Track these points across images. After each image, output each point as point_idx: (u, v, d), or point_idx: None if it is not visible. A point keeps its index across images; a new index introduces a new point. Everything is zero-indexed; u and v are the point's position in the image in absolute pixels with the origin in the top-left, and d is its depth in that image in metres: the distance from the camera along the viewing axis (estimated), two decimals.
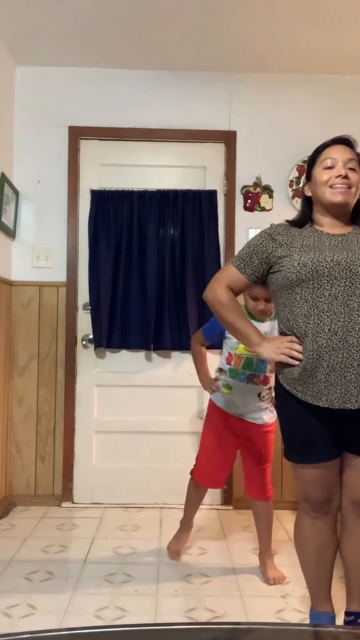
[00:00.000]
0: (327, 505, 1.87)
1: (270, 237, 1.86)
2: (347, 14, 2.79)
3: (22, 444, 3.33)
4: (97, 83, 3.40)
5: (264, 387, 2.41)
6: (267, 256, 1.85)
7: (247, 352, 2.39)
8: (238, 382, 2.41)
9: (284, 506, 3.31)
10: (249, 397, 2.41)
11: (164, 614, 2.08)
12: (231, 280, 1.89)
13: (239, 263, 1.89)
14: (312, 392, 1.74)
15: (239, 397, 2.42)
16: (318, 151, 1.90)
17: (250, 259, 1.87)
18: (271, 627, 0.82)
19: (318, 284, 1.72)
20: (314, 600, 1.94)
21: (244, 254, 1.89)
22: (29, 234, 3.38)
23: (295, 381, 1.78)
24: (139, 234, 3.29)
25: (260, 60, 3.28)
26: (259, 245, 1.87)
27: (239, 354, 2.41)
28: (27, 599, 2.19)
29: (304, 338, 1.74)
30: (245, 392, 2.41)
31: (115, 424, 3.36)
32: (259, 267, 1.86)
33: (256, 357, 2.38)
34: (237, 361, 2.41)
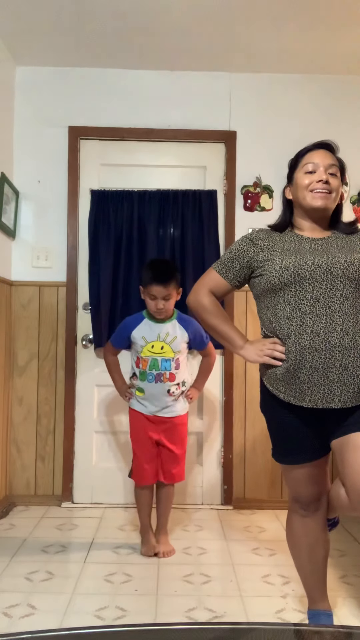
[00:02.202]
0: (316, 503, 1.90)
1: (251, 241, 1.88)
2: (347, 14, 2.79)
3: (22, 444, 3.33)
4: (97, 83, 3.40)
5: (172, 384, 2.59)
6: (248, 260, 1.87)
7: (150, 353, 2.57)
8: (147, 383, 2.59)
9: (284, 506, 3.29)
10: (159, 395, 2.59)
11: (164, 614, 2.08)
12: (213, 285, 1.92)
13: (221, 268, 1.91)
14: (295, 393, 1.76)
15: (150, 396, 2.60)
16: (300, 155, 1.94)
17: (232, 263, 1.89)
18: (271, 627, 0.82)
19: (300, 287, 1.75)
20: (311, 599, 1.96)
21: (226, 259, 1.92)
22: (29, 234, 3.38)
23: (278, 382, 1.80)
24: (139, 234, 3.29)
25: (260, 60, 3.28)
26: (240, 250, 1.89)
27: (144, 357, 2.58)
28: (27, 599, 2.19)
29: (286, 339, 1.77)
30: (155, 391, 2.58)
31: (115, 424, 3.36)
32: (241, 271, 1.89)
33: (160, 357, 2.57)
34: (144, 363, 2.58)
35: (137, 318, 2.65)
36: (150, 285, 2.52)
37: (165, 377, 2.57)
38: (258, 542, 2.81)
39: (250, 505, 3.32)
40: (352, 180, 3.36)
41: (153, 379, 2.57)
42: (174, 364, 2.58)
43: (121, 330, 2.67)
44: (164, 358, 2.57)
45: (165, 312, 2.57)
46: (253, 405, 3.35)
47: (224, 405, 3.36)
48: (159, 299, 2.53)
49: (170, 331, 2.59)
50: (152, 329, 2.59)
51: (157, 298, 2.53)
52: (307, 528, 1.91)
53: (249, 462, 3.35)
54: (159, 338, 2.58)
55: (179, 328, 2.62)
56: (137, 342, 2.59)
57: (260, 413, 1.90)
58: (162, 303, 2.53)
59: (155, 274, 2.54)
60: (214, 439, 3.39)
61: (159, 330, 2.58)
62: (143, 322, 2.62)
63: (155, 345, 2.57)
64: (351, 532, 2.93)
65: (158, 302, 2.53)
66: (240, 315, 3.36)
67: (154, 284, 2.51)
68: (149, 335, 2.58)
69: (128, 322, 2.67)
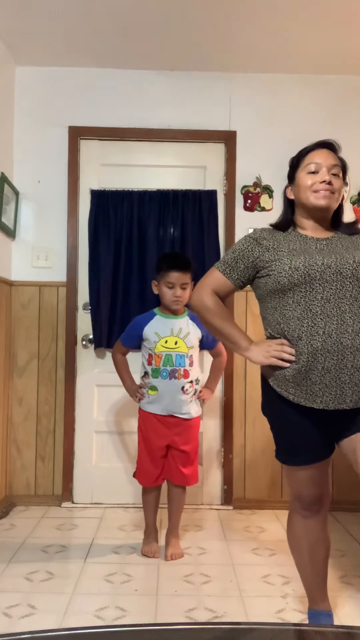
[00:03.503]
0: (318, 504, 1.89)
1: (255, 241, 1.86)
2: (347, 14, 2.79)
3: (22, 444, 3.33)
4: (97, 83, 3.40)
5: (186, 381, 2.55)
6: (253, 261, 1.84)
7: (164, 349, 2.54)
8: (161, 380, 2.54)
9: (284, 506, 3.30)
10: (173, 392, 2.54)
11: (164, 614, 2.08)
12: (217, 285, 1.89)
13: (224, 268, 1.88)
14: (306, 394, 1.74)
15: (164, 394, 2.55)
16: (302, 154, 1.93)
17: (236, 263, 1.86)
18: (271, 627, 0.82)
19: (310, 288, 1.73)
20: (311, 599, 1.96)
21: (229, 259, 1.88)
22: (29, 234, 3.38)
23: (287, 384, 1.78)
24: (139, 234, 3.29)
25: (260, 60, 3.28)
26: (245, 250, 1.86)
27: (157, 352, 2.55)
28: (27, 599, 2.19)
29: (297, 341, 1.74)
30: (169, 388, 2.54)
31: (115, 424, 3.36)
32: (245, 272, 1.87)
33: (174, 352, 2.53)
34: (157, 360, 2.55)
35: (148, 315, 2.63)
36: (168, 272, 2.51)
37: (180, 374, 2.53)
38: (258, 542, 2.81)
39: (250, 505, 3.32)
40: (352, 180, 3.36)
41: (167, 375, 2.53)
42: (188, 360, 2.55)
43: (132, 328, 2.64)
44: (179, 353, 2.54)
45: (182, 302, 2.55)
46: (253, 405, 3.35)
47: (224, 405, 3.36)
48: (177, 287, 2.51)
49: (184, 327, 2.57)
50: (165, 325, 2.56)
51: (175, 286, 2.51)
52: (308, 528, 1.91)
53: (249, 462, 3.35)
54: (172, 333, 2.55)
55: (191, 324, 2.60)
56: (150, 338, 2.55)
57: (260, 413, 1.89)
58: (180, 291, 2.51)
59: (173, 261, 2.56)
60: (214, 439, 3.39)
61: (172, 326, 2.56)
62: (155, 318, 2.60)
63: (169, 341, 2.54)
64: (351, 532, 2.93)
65: (176, 290, 2.51)
66: (241, 315, 3.36)
67: (172, 270, 2.51)
68: (162, 330, 2.55)
69: (139, 319, 2.64)
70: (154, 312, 2.64)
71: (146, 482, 2.64)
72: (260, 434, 3.35)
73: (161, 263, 2.60)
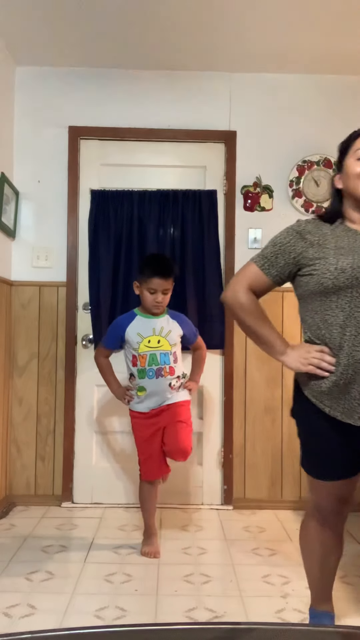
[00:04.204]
0: (337, 516, 1.81)
1: (299, 235, 1.68)
2: (347, 14, 2.79)
3: (22, 444, 3.33)
4: (97, 83, 3.40)
5: (172, 377, 2.58)
6: (295, 257, 1.67)
7: (148, 348, 2.56)
8: (148, 380, 2.56)
9: (284, 506, 3.31)
10: (161, 390, 2.58)
11: (164, 614, 2.08)
12: (253, 281, 1.71)
13: (263, 262, 1.71)
14: (343, 409, 1.62)
15: (153, 393, 2.58)
16: (352, 138, 1.72)
17: (276, 258, 1.69)
18: (271, 627, 0.82)
19: (357, 293, 1.57)
20: (314, 598, 1.93)
21: (269, 252, 1.71)
22: (29, 234, 3.38)
23: (323, 395, 1.65)
24: (139, 234, 3.29)
25: (260, 60, 3.28)
26: (287, 245, 1.68)
27: (141, 353, 2.56)
28: (27, 599, 2.19)
29: (338, 350, 1.60)
30: (157, 387, 2.57)
31: (115, 424, 3.36)
32: (285, 268, 1.69)
33: (158, 351, 2.56)
34: (142, 360, 2.56)
35: (128, 316, 2.65)
36: (150, 278, 2.52)
37: (166, 371, 2.56)
38: (258, 542, 2.81)
39: (250, 505, 3.32)
40: None
41: (154, 374, 2.56)
42: (172, 357, 2.59)
43: (113, 330, 2.66)
44: (162, 352, 2.57)
45: (163, 307, 2.59)
46: (253, 405, 3.35)
47: (224, 405, 3.36)
48: (159, 293, 2.53)
49: (165, 325, 2.60)
50: (146, 325, 2.59)
51: (156, 292, 2.53)
52: (323, 537, 1.83)
53: (249, 462, 3.35)
54: (154, 332, 2.58)
55: (172, 323, 2.63)
56: (132, 339, 2.57)
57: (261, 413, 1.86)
58: (161, 297, 2.54)
59: (156, 267, 2.54)
60: (214, 439, 3.39)
61: (154, 325, 2.58)
62: (136, 318, 2.61)
63: (152, 340, 2.57)
64: (351, 532, 2.93)
65: (157, 296, 2.53)
66: None
67: (154, 277, 2.51)
68: (144, 330, 2.58)
69: (120, 321, 2.66)
70: (134, 312, 2.65)
71: (151, 474, 2.65)
72: (260, 434, 3.35)
73: (144, 267, 2.59)
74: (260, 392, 3.36)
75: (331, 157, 3.35)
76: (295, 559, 2.59)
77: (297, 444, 3.36)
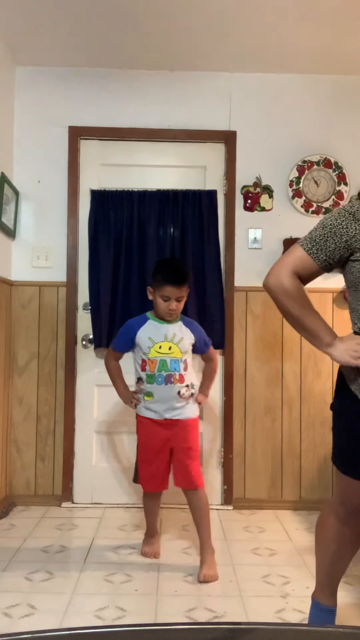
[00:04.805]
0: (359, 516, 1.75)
1: (352, 216, 1.56)
2: (348, 13, 2.79)
3: (22, 444, 3.33)
4: (97, 83, 3.40)
5: (182, 385, 2.50)
6: (347, 240, 1.55)
7: (158, 354, 2.49)
8: (157, 386, 2.49)
9: (284, 506, 3.31)
10: (169, 398, 2.49)
11: (164, 614, 2.08)
12: (299, 265, 1.58)
13: (311, 246, 1.58)
14: None
15: (160, 399, 2.50)
16: None
17: (326, 242, 1.57)
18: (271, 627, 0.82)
19: None
20: (319, 590, 1.87)
21: (317, 235, 1.58)
22: (29, 234, 3.38)
23: None
24: (139, 234, 3.29)
25: (260, 60, 3.28)
26: (338, 227, 1.56)
27: (152, 358, 2.49)
28: (27, 599, 2.19)
29: None
30: (165, 394, 2.49)
31: (115, 424, 3.36)
32: (335, 252, 1.57)
33: (169, 357, 2.49)
34: (152, 365, 2.49)
35: (141, 319, 2.57)
36: (163, 286, 2.43)
37: (175, 379, 2.48)
38: (258, 542, 2.81)
39: (250, 505, 3.32)
40: (352, 180, 3.36)
41: (163, 380, 2.48)
42: (182, 365, 2.50)
43: (125, 332, 2.58)
44: (173, 359, 2.49)
45: (176, 314, 2.51)
46: (253, 405, 3.35)
47: (224, 405, 3.36)
48: (172, 300, 2.45)
49: (177, 332, 2.52)
50: (158, 330, 2.51)
51: (170, 299, 2.45)
52: (341, 535, 1.77)
53: (249, 462, 3.35)
54: (166, 338, 2.50)
55: (185, 330, 2.55)
56: (143, 343, 2.50)
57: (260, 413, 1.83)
58: (175, 304, 2.46)
59: (169, 275, 2.45)
60: (214, 439, 3.39)
61: (166, 331, 2.51)
62: (148, 322, 2.54)
63: (163, 346, 2.49)
64: None
65: (171, 303, 2.45)
66: (241, 315, 3.36)
67: (167, 285, 2.42)
68: (156, 336, 2.50)
69: (131, 323, 2.58)
70: (146, 316, 2.58)
71: (148, 487, 2.59)
72: (260, 434, 3.35)
73: (158, 273, 2.50)
74: (260, 392, 3.36)
75: (331, 157, 3.35)
76: (295, 560, 2.59)
77: (297, 444, 3.38)
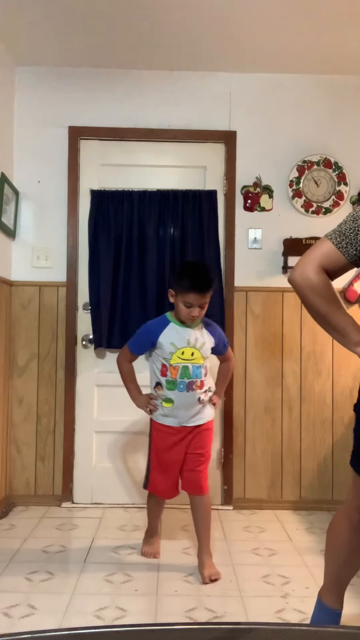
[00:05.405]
0: None
1: None
2: (348, 14, 2.79)
3: (22, 444, 3.33)
4: (97, 83, 3.40)
5: (201, 391, 2.43)
6: None
7: (181, 360, 2.39)
8: (178, 392, 2.40)
9: (284, 506, 3.31)
10: (190, 405, 2.42)
11: (164, 614, 2.08)
12: (327, 260, 1.52)
13: (340, 240, 1.51)
14: None
15: (181, 407, 2.42)
16: None
17: (356, 236, 1.50)
18: (271, 627, 0.82)
19: None
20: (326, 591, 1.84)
21: (347, 229, 1.51)
22: (29, 234, 3.38)
23: None
24: (139, 234, 3.29)
25: (260, 60, 3.28)
26: None
27: (174, 364, 2.39)
28: (27, 599, 2.19)
29: None
30: (186, 401, 2.41)
31: (115, 424, 3.36)
32: None
33: (191, 364, 2.40)
34: (173, 372, 2.39)
35: (161, 322, 2.45)
36: (187, 292, 2.31)
37: (197, 385, 2.40)
38: (258, 542, 2.81)
39: (250, 505, 3.32)
40: (352, 180, 3.36)
41: (185, 387, 2.39)
42: (203, 371, 2.43)
43: (144, 335, 2.46)
44: (196, 365, 2.39)
45: (198, 319, 2.40)
46: (253, 405, 3.35)
47: (224, 405, 3.36)
48: (195, 307, 2.33)
49: (199, 337, 2.42)
50: (180, 335, 2.40)
51: (192, 306, 2.33)
52: (353, 543, 1.73)
53: (249, 462, 3.35)
54: (188, 344, 2.39)
55: (206, 333, 2.46)
56: (165, 348, 2.39)
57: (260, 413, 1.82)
58: (198, 311, 2.34)
59: (194, 282, 2.32)
60: (214, 439, 3.37)
61: (188, 336, 2.40)
62: (169, 326, 2.42)
63: (186, 352, 2.39)
64: None
65: (193, 310, 2.34)
66: (241, 315, 3.36)
67: (191, 292, 2.30)
68: (178, 341, 2.39)
69: (152, 326, 2.46)
70: (167, 319, 2.45)
71: (161, 494, 2.55)
72: (260, 434, 3.35)
73: (182, 278, 2.37)
74: (260, 392, 3.36)
75: (331, 157, 3.35)
76: (295, 560, 2.59)
77: (297, 444, 3.38)
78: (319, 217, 3.36)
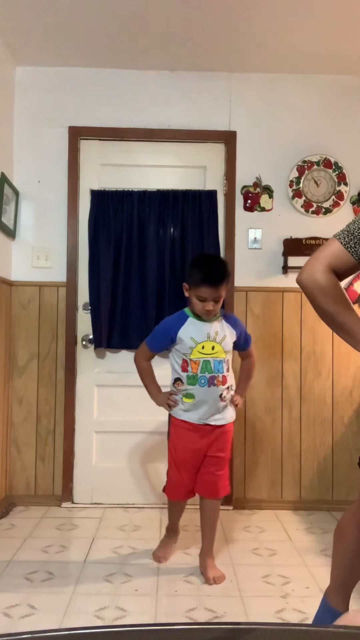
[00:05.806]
0: None
1: None
2: (347, 14, 2.79)
3: (22, 444, 3.33)
4: (97, 83, 3.40)
5: (224, 387, 2.38)
6: None
7: (201, 354, 2.35)
8: (199, 387, 2.36)
9: (284, 506, 3.31)
10: (212, 400, 2.37)
11: (164, 614, 2.08)
12: (335, 260, 1.49)
13: (349, 239, 1.49)
14: None
15: (202, 402, 2.37)
16: None
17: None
18: (271, 627, 0.82)
19: None
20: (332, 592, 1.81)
21: (356, 228, 1.48)
22: (29, 234, 3.38)
23: None
24: (139, 234, 3.29)
25: (260, 60, 3.28)
26: None
27: (194, 359, 2.35)
28: (27, 599, 2.19)
29: None
30: (207, 396, 2.36)
31: (115, 424, 3.36)
32: None
33: (212, 358, 2.36)
34: (194, 366, 2.36)
35: (180, 317, 2.41)
36: (199, 286, 2.27)
37: (219, 380, 2.35)
38: (258, 542, 2.81)
39: (250, 505, 3.32)
40: (352, 180, 3.36)
41: (206, 382, 2.35)
42: (225, 366, 2.38)
43: (163, 331, 2.42)
44: (217, 359, 2.35)
45: (214, 313, 2.35)
46: (253, 405, 3.35)
47: None
48: (209, 301, 2.29)
49: (219, 330, 2.37)
50: (199, 329, 2.36)
51: (206, 300, 2.29)
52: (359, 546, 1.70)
53: (249, 462, 3.35)
54: (209, 338, 2.35)
55: (226, 327, 2.41)
56: (185, 343, 2.35)
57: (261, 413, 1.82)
58: (212, 305, 2.30)
59: (207, 274, 2.28)
60: None
61: (208, 330, 2.36)
62: (188, 321, 2.38)
63: (206, 346, 2.35)
64: None
65: (207, 304, 2.29)
66: (241, 315, 3.36)
67: (204, 285, 2.26)
68: (198, 335, 2.35)
69: (170, 322, 2.42)
70: (185, 314, 2.41)
71: (175, 496, 2.50)
72: (261, 434, 3.35)
73: (194, 271, 2.32)
74: (260, 392, 3.36)
75: (331, 157, 3.35)
76: (295, 560, 2.59)
77: (297, 444, 3.37)
78: (319, 217, 3.36)
